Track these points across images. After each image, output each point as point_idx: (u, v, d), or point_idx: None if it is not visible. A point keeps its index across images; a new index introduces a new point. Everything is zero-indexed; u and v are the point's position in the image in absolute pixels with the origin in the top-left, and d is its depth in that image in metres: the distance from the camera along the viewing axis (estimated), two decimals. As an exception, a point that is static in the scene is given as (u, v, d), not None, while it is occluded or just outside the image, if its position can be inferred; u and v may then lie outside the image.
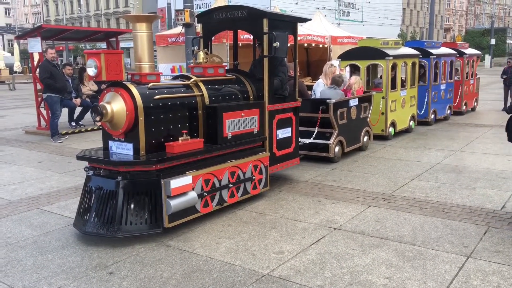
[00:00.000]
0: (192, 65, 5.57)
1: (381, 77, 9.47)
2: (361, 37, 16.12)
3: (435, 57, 10.81)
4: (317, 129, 7.18)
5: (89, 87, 11.77)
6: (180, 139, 4.59)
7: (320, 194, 5.77)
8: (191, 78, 5.10)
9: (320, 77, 8.34)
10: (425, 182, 6.22)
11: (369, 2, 56.40)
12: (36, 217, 5.09)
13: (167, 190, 4.29)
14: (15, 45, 36.76)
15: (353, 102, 7.82)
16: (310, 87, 8.45)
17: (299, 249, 4.13)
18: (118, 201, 4.24)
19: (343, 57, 9.64)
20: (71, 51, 59.74)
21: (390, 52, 9.02)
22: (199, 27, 6.19)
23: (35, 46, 10.54)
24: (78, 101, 10.86)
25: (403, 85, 9.77)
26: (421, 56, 10.40)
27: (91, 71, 4.35)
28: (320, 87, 8.01)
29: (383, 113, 9.00)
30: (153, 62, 4.78)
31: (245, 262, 3.88)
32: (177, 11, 12.61)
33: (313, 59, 16.41)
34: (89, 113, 9.77)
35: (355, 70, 9.37)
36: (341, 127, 7.45)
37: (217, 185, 4.89)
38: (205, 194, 4.74)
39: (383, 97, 8.96)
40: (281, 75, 5.90)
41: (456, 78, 12.46)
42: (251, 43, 6.73)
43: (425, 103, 10.82)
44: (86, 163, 4.65)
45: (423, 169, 6.91)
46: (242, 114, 5.20)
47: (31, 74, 11.81)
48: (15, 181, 6.66)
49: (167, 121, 4.65)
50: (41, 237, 4.52)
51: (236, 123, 5.13)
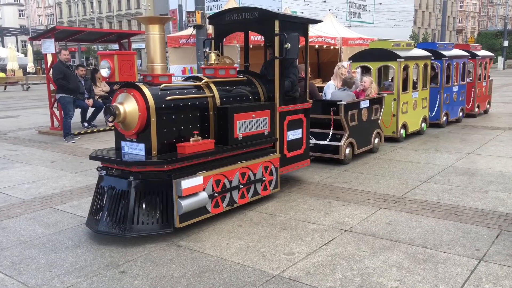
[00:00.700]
0: (203, 66, 5.60)
1: (392, 79, 9.42)
2: (372, 39, 16.09)
3: (447, 59, 10.72)
4: (332, 131, 7.18)
5: (101, 88, 11.88)
6: (191, 139, 4.62)
7: (330, 195, 5.76)
8: (203, 79, 5.13)
9: (331, 78, 8.33)
10: (436, 184, 6.18)
11: (381, 3, 56.15)
12: (49, 216, 5.15)
13: (178, 190, 4.33)
14: (29, 46, 37.27)
15: (364, 103, 7.80)
16: (320, 89, 8.44)
17: (310, 250, 4.13)
18: (130, 201, 4.28)
19: (354, 58, 9.60)
20: (84, 53, 60.35)
21: (401, 53, 8.97)
22: (210, 29, 6.21)
23: (49, 47, 10.67)
24: (90, 101, 10.97)
25: (414, 87, 9.70)
26: (433, 58, 10.33)
27: (104, 72, 4.39)
28: (330, 89, 8.00)
29: (394, 115, 8.96)
30: (165, 63, 4.82)
31: (255, 262, 3.90)
32: (188, 12, 12.70)
33: (324, 61, 16.40)
34: (101, 113, 9.90)
35: (366, 71, 9.33)
36: (352, 129, 7.43)
37: (228, 186, 4.91)
38: (216, 194, 4.76)
39: (395, 99, 8.92)
40: (292, 76, 5.90)
41: (468, 80, 12.34)
42: (262, 44, 6.76)
43: (437, 105, 10.73)
44: (98, 163, 4.70)
45: (434, 171, 6.86)
46: (253, 115, 5.22)
47: (45, 75, 11.96)
48: (28, 180, 6.75)
49: (178, 122, 4.68)
50: (54, 235, 4.58)
51: (247, 124, 5.15)
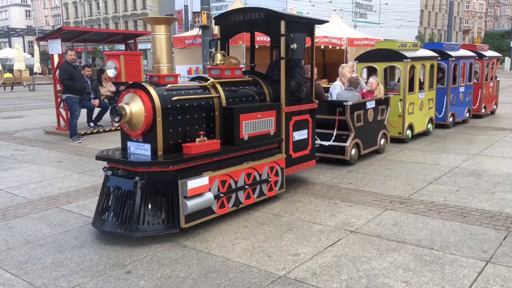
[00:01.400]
0: (209, 67, 5.61)
1: (398, 80, 9.38)
2: (378, 39, 16.04)
3: (454, 59, 10.65)
4: (335, 131, 7.16)
5: (107, 88, 11.92)
6: (197, 140, 4.62)
7: (336, 196, 5.74)
8: (209, 79, 5.13)
9: (337, 79, 8.31)
10: (443, 185, 6.15)
11: (387, 4, 56.02)
12: (55, 216, 5.17)
13: (184, 190, 4.33)
14: (35, 47, 37.45)
15: (370, 104, 7.77)
16: (326, 89, 8.43)
17: (315, 251, 4.11)
18: (135, 201, 4.29)
19: (361, 59, 9.57)
20: (90, 53, 60.64)
21: (408, 54, 8.93)
22: (216, 29, 6.21)
23: (55, 47, 10.71)
24: (96, 102, 11.01)
25: (421, 87, 9.66)
26: (439, 58, 10.27)
27: (110, 73, 4.40)
28: (336, 89, 7.98)
29: (400, 116, 8.92)
30: (171, 63, 4.83)
31: (261, 263, 3.89)
32: (194, 13, 12.73)
33: (330, 61, 16.37)
34: (107, 114, 9.92)
35: (371, 72, 9.30)
36: (358, 130, 7.40)
37: (233, 186, 4.91)
38: (222, 195, 4.76)
39: (401, 100, 8.88)
40: (298, 77, 5.89)
41: (475, 80, 12.27)
42: (268, 45, 6.75)
43: (444, 106, 10.68)
44: (104, 163, 4.72)
45: (441, 172, 6.82)
46: (258, 115, 5.21)
47: (51, 75, 12.02)
48: (35, 180, 6.78)
49: (184, 122, 4.69)
50: (60, 235, 4.59)
51: (252, 125, 5.14)
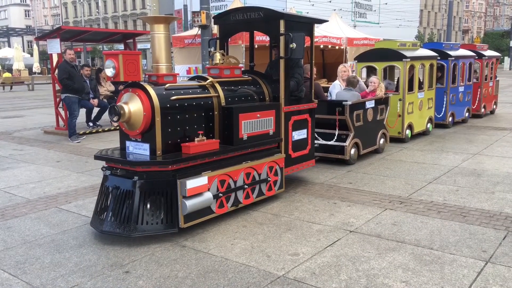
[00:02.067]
0: (208, 66, 5.59)
1: (398, 80, 9.37)
2: (378, 39, 16.02)
3: (453, 59, 10.65)
4: (337, 131, 7.14)
5: (106, 88, 11.91)
6: (196, 139, 4.61)
7: (335, 196, 5.73)
8: (208, 79, 5.12)
9: (337, 78, 8.30)
10: (443, 185, 6.14)
11: (386, 3, 56.01)
12: (54, 216, 5.16)
13: (183, 190, 4.32)
14: (35, 47, 37.46)
15: (370, 104, 7.76)
16: (326, 89, 8.42)
17: (315, 251, 4.10)
18: (134, 201, 4.27)
19: (360, 58, 9.56)
20: (89, 53, 60.61)
21: (407, 53, 8.92)
22: (215, 29, 6.20)
23: (54, 47, 10.70)
24: (95, 101, 10.99)
25: (420, 87, 9.65)
26: (439, 58, 10.26)
27: (109, 72, 4.39)
28: (336, 89, 7.97)
29: (400, 116, 8.91)
30: (170, 63, 4.81)
31: (260, 263, 3.88)
32: (193, 12, 12.71)
33: (329, 61, 16.36)
34: (106, 113, 9.91)
35: (370, 73, 9.28)
36: (357, 129, 7.39)
37: (233, 186, 4.89)
38: (221, 195, 4.75)
39: (400, 99, 8.87)
40: (297, 76, 5.88)
41: (474, 80, 12.27)
42: (267, 44, 6.74)
43: (443, 106, 10.67)
44: (103, 163, 4.70)
45: (440, 172, 6.81)
46: (258, 115, 5.20)
47: (50, 75, 12.00)
48: (33, 180, 6.76)
49: (183, 121, 4.67)
50: (58, 235, 4.58)
51: (252, 124, 5.13)
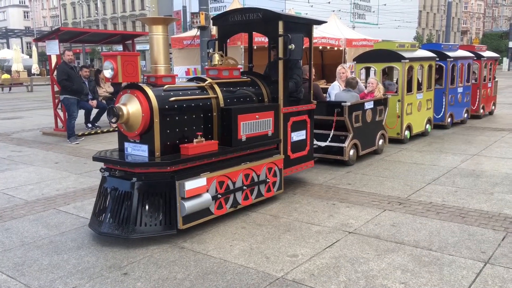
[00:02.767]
0: (207, 67, 5.59)
1: (397, 81, 9.37)
2: (377, 40, 16.00)
3: (452, 60, 10.66)
4: (332, 131, 7.14)
5: (105, 89, 11.89)
6: (194, 141, 4.60)
7: (334, 197, 5.73)
8: (206, 80, 5.12)
9: (336, 79, 8.30)
10: (441, 186, 6.14)
11: (385, 4, 56.06)
12: (52, 217, 5.15)
13: (181, 191, 4.31)
14: (33, 48, 37.35)
15: (368, 105, 7.76)
16: (324, 90, 8.42)
17: (313, 252, 4.10)
18: (133, 202, 4.27)
19: (359, 59, 9.57)
20: (88, 54, 60.59)
21: (406, 54, 8.93)
22: (214, 30, 6.20)
23: (53, 48, 10.69)
24: (94, 103, 10.98)
25: (419, 88, 9.65)
26: (438, 59, 10.27)
27: (107, 73, 4.38)
28: (335, 90, 7.97)
29: (398, 116, 8.92)
30: (169, 64, 4.81)
31: (258, 265, 3.87)
32: (192, 14, 12.69)
33: (328, 62, 16.35)
34: (105, 114, 9.90)
35: (369, 72, 9.29)
36: (356, 130, 7.39)
37: (231, 187, 4.89)
38: (219, 196, 4.74)
39: (399, 100, 8.87)
40: (296, 77, 5.88)
41: (473, 81, 12.28)
42: (266, 45, 6.73)
43: (442, 107, 10.67)
44: (101, 164, 4.70)
45: (439, 173, 6.81)
46: (256, 116, 5.19)
47: (49, 76, 11.99)
48: (32, 181, 6.75)
49: (182, 123, 4.67)
50: (57, 237, 4.57)
51: (250, 125, 5.12)
